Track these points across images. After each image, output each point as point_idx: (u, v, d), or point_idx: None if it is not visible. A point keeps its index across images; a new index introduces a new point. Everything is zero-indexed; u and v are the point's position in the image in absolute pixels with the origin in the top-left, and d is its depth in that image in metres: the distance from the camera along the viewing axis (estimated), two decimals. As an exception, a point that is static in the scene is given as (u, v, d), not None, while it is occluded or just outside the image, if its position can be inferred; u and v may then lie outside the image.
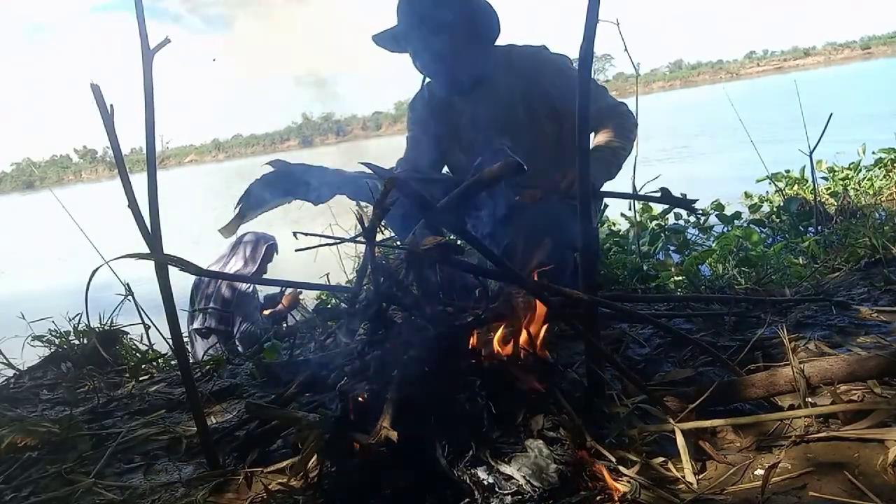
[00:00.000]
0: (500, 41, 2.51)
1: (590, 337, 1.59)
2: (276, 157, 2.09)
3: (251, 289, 4.55)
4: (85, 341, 2.89)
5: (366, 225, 1.49)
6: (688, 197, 1.88)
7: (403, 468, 1.34)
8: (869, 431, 1.38)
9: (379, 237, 2.13)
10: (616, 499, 1.29)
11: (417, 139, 2.64)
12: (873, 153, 6.34)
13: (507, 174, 1.49)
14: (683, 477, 1.35)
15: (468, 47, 2.35)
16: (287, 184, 2.02)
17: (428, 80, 2.60)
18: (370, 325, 1.67)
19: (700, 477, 1.37)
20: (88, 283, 1.89)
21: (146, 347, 3.03)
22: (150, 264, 1.54)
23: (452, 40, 2.29)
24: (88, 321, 2.87)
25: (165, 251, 1.54)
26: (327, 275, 3.95)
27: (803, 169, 6.00)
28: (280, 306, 4.83)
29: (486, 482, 1.28)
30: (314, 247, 1.53)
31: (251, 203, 2.01)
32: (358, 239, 1.51)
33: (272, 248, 4.64)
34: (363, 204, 2.68)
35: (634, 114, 2.56)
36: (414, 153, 2.62)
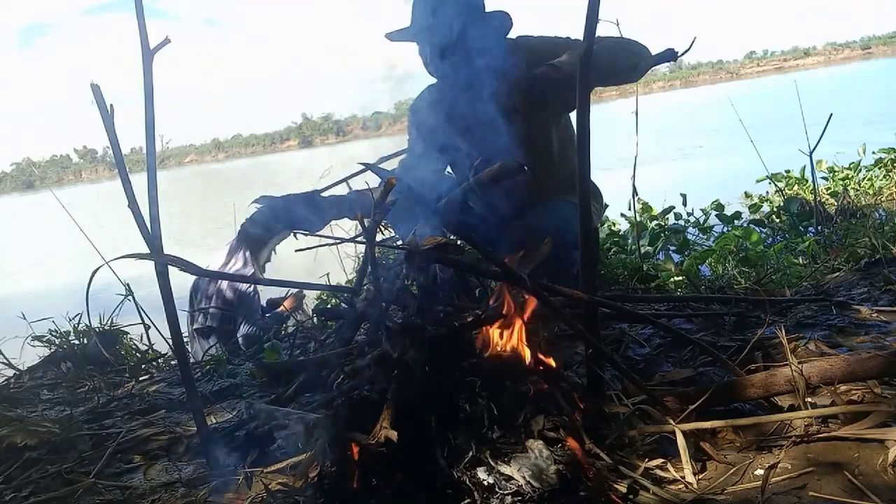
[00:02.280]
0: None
1: (590, 337, 1.59)
2: (265, 196, 2.08)
3: (252, 290, 4.54)
4: (85, 341, 2.89)
5: (366, 225, 1.49)
6: (687, 196, 1.89)
7: (403, 468, 1.34)
8: (869, 431, 1.38)
9: (379, 237, 2.13)
10: (616, 499, 1.29)
11: (419, 141, 2.64)
12: (873, 153, 6.34)
13: (507, 175, 1.49)
14: (683, 477, 1.35)
15: (482, 45, 2.36)
16: (276, 219, 2.04)
17: (433, 81, 2.60)
18: (370, 325, 1.67)
19: (700, 477, 1.37)
20: (89, 284, 1.90)
21: (146, 347, 3.03)
22: (150, 264, 1.54)
23: (465, 38, 2.30)
24: (89, 321, 2.87)
25: (165, 251, 1.54)
26: (327, 275, 3.94)
27: (803, 169, 5.99)
28: (282, 308, 4.82)
29: (486, 482, 1.28)
30: (314, 247, 1.53)
31: (253, 242, 2.03)
32: (358, 239, 1.51)
33: (272, 249, 4.63)
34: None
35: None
36: (416, 155, 2.62)
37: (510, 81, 2.43)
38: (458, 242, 1.75)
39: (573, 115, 2.54)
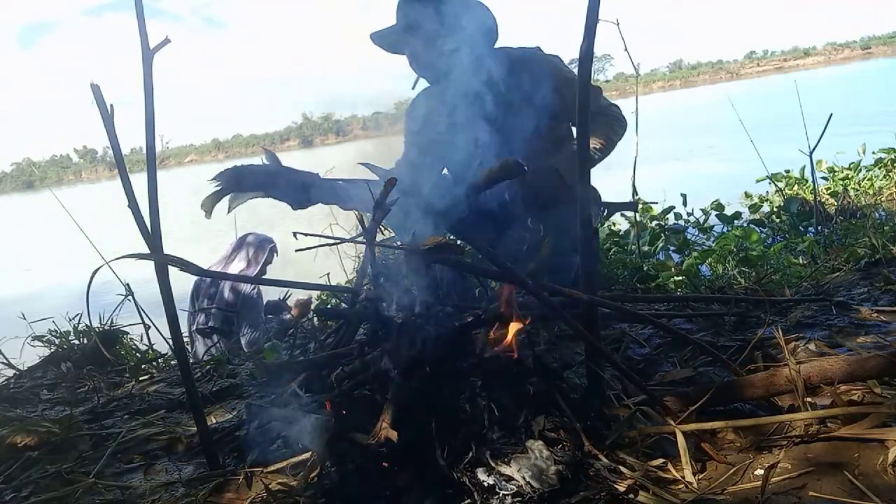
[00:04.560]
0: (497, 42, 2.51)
1: (590, 337, 1.59)
2: (273, 152, 2.08)
3: (256, 292, 4.51)
4: (85, 341, 2.89)
5: (366, 225, 1.49)
6: (686, 196, 1.89)
7: (404, 468, 1.34)
8: (869, 431, 1.38)
9: (379, 237, 2.13)
10: (616, 500, 1.29)
11: (415, 144, 2.64)
12: (873, 153, 6.34)
13: (507, 175, 1.49)
14: (683, 477, 1.36)
15: (466, 50, 2.35)
16: (272, 180, 2.01)
17: (425, 84, 2.60)
18: (370, 325, 1.67)
19: (700, 477, 1.37)
20: (89, 284, 1.89)
21: (146, 347, 3.03)
22: (150, 264, 1.54)
23: (450, 43, 2.29)
24: (90, 321, 2.87)
25: (165, 251, 1.54)
26: (327, 275, 3.94)
27: (803, 169, 5.99)
28: (290, 316, 4.77)
29: (486, 483, 1.28)
30: (314, 247, 1.53)
31: (229, 184, 1.95)
32: (358, 239, 1.51)
33: (273, 251, 4.63)
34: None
35: (624, 115, 2.59)
36: (411, 157, 2.62)
37: (499, 87, 2.43)
38: (459, 243, 1.75)
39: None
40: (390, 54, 2.47)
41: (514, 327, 1.55)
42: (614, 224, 4.95)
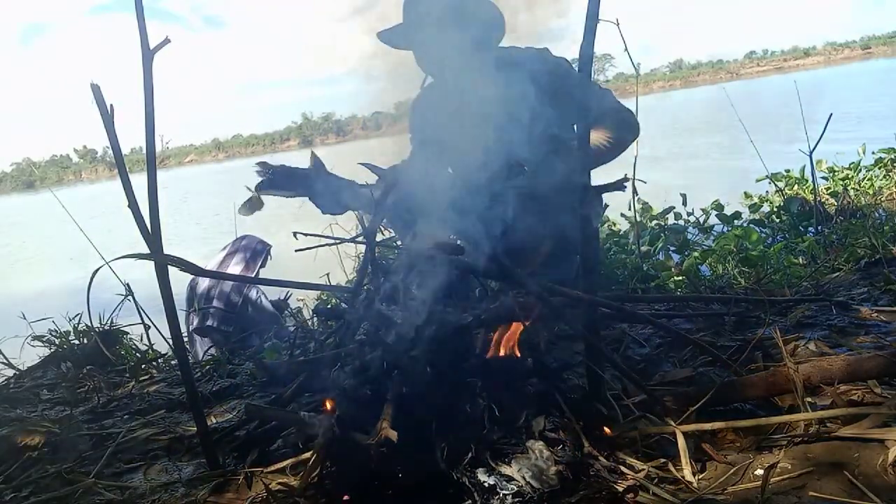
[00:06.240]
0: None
1: (590, 337, 1.59)
2: (319, 157, 2.05)
3: (259, 298, 4.49)
4: (85, 341, 2.89)
5: (366, 225, 1.49)
6: (687, 197, 1.88)
7: (404, 469, 1.34)
8: (869, 431, 1.38)
9: (379, 237, 2.12)
10: (616, 500, 1.29)
11: (419, 142, 2.63)
12: (873, 153, 6.33)
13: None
14: (683, 477, 1.36)
15: (472, 48, 2.35)
16: (314, 185, 1.99)
17: (429, 81, 2.60)
18: (371, 326, 1.67)
19: (700, 477, 1.37)
20: (89, 284, 1.89)
21: (146, 347, 3.03)
22: (150, 264, 1.54)
23: (456, 41, 2.29)
24: (90, 321, 2.87)
25: (165, 251, 1.54)
26: (327, 275, 3.94)
27: (803, 169, 5.99)
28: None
29: (486, 483, 1.28)
30: (314, 247, 1.53)
31: (279, 178, 1.94)
32: (358, 239, 1.51)
33: (269, 256, 4.63)
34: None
35: (635, 117, 2.58)
36: (415, 156, 2.61)
37: (505, 86, 2.42)
38: (458, 242, 1.75)
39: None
40: (396, 50, 2.47)
41: (516, 329, 1.55)
42: (614, 224, 4.95)
